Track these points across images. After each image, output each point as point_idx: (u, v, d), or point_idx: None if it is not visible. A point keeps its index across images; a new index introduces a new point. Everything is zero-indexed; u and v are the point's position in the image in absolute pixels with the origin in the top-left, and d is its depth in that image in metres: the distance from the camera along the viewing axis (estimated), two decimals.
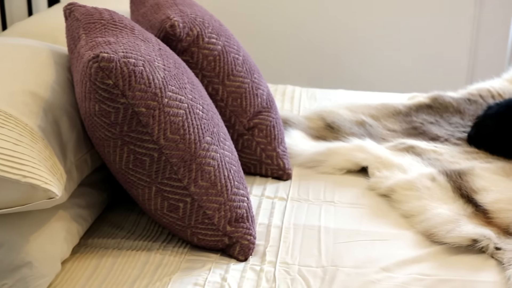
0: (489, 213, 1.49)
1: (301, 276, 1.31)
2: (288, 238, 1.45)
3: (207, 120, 1.38)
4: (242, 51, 1.75)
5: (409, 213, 1.54)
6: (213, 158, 1.35)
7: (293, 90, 2.41)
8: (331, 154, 1.80)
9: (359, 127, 2.00)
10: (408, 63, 3.29)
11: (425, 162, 1.75)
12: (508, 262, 1.31)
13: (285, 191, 1.68)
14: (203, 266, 1.33)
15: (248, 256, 1.38)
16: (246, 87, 1.71)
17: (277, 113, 1.82)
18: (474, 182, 1.61)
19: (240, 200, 1.40)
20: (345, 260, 1.36)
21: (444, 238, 1.40)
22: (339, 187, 1.70)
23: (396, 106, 2.16)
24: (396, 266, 1.33)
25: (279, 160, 1.75)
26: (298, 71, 3.35)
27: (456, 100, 2.18)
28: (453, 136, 1.95)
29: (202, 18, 1.67)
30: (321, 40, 3.31)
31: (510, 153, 1.77)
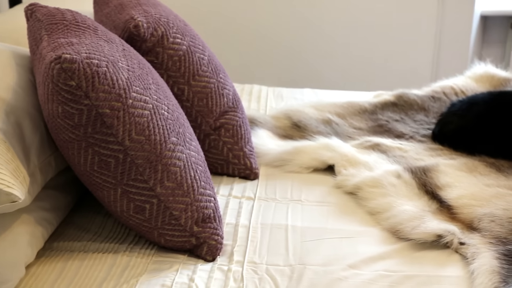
0: (453, 209, 1.51)
1: (268, 275, 1.31)
2: (255, 237, 1.45)
3: (173, 121, 1.37)
4: (207, 51, 1.75)
5: (375, 210, 1.55)
6: (179, 159, 1.34)
7: (259, 90, 2.41)
8: (297, 153, 1.80)
9: (325, 125, 2.01)
10: (374, 62, 3.32)
11: (390, 160, 1.77)
12: (472, 257, 1.33)
13: (252, 191, 1.68)
14: (170, 267, 1.32)
15: (216, 256, 1.38)
16: (212, 87, 1.71)
17: (244, 113, 1.82)
18: (439, 179, 1.63)
19: (207, 200, 1.40)
20: (312, 258, 1.36)
21: (409, 234, 1.42)
22: (306, 185, 1.70)
23: (362, 104, 2.18)
24: (362, 263, 1.34)
25: (246, 159, 1.75)
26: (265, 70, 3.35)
27: (420, 97, 2.20)
28: (418, 133, 1.98)
29: (166, 18, 1.67)
30: (288, 40, 3.32)
31: (473, 149, 1.79)
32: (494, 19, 3.38)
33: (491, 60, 2.46)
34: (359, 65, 3.33)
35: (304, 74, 3.34)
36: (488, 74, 2.33)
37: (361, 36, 3.30)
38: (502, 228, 1.41)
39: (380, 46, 3.31)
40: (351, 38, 3.30)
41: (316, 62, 3.34)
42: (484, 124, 1.85)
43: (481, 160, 1.74)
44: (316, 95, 2.38)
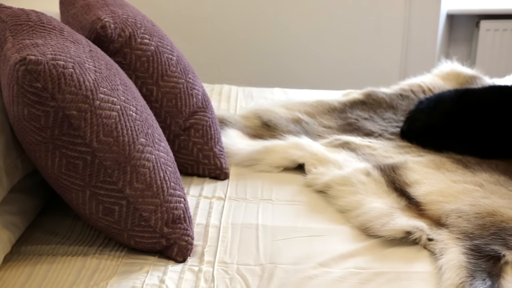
0: (421, 206, 1.53)
1: (239, 275, 1.31)
2: (226, 237, 1.45)
3: (141, 122, 1.36)
4: (176, 51, 1.74)
5: (345, 208, 1.56)
6: (148, 160, 1.34)
7: (229, 90, 2.41)
8: (268, 152, 1.81)
9: (295, 124, 2.02)
10: (343, 61, 3.35)
11: (359, 158, 1.78)
12: (440, 252, 1.35)
13: (222, 191, 1.68)
14: (140, 269, 1.32)
15: (186, 257, 1.37)
16: (181, 87, 1.70)
17: (213, 113, 1.82)
18: (407, 176, 1.65)
19: (177, 201, 1.39)
20: (283, 257, 1.37)
21: (379, 231, 1.43)
22: (276, 184, 1.71)
23: (331, 103, 2.19)
24: (333, 261, 1.35)
25: (216, 159, 1.75)
26: (235, 70, 3.35)
27: (389, 95, 2.22)
28: (387, 131, 1.99)
29: (134, 19, 1.65)
30: (258, 40, 3.33)
31: (440, 146, 1.81)
32: (460, 18, 3.42)
33: (457, 58, 2.49)
34: (329, 64, 3.35)
35: (274, 74, 3.34)
36: (455, 72, 2.36)
37: (330, 36, 3.32)
38: (469, 223, 1.43)
39: (349, 45, 3.33)
40: (320, 38, 3.32)
41: (286, 62, 3.35)
42: (451, 121, 1.87)
43: (448, 157, 1.76)
44: (286, 95, 2.38)
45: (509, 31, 3.34)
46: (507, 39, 3.35)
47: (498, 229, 1.40)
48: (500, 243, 1.35)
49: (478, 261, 1.31)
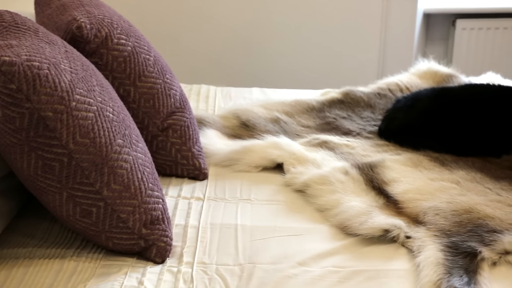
0: (399, 204, 1.54)
1: (218, 275, 1.31)
2: (205, 238, 1.45)
3: (118, 123, 1.36)
4: (153, 52, 1.73)
5: (324, 207, 1.56)
6: (125, 161, 1.33)
7: (208, 90, 2.40)
8: (246, 152, 1.81)
9: (273, 124, 2.02)
10: (321, 60, 3.35)
11: (338, 156, 1.78)
12: (418, 250, 1.36)
13: (201, 191, 1.67)
14: (119, 271, 1.31)
15: (165, 258, 1.37)
16: (158, 87, 1.69)
17: (191, 113, 1.81)
18: (385, 174, 1.66)
19: (155, 202, 1.39)
20: (262, 257, 1.37)
21: (357, 230, 1.44)
22: (255, 184, 1.71)
23: (310, 102, 2.20)
24: (312, 260, 1.36)
25: (195, 160, 1.74)
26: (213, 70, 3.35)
27: (366, 94, 2.23)
28: (365, 130, 2.00)
29: (110, 19, 1.64)
30: (235, 39, 3.32)
31: (418, 144, 1.83)
32: (436, 17, 3.45)
33: (434, 57, 2.51)
34: (307, 64, 3.36)
35: (253, 74, 3.34)
36: (431, 70, 2.38)
37: (308, 35, 3.32)
38: (446, 220, 1.44)
39: (327, 44, 3.34)
40: (298, 37, 3.33)
41: (264, 62, 3.35)
42: (428, 120, 1.89)
43: (426, 155, 1.77)
44: (265, 94, 2.38)
45: (485, 30, 3.37)
46: (483, 38, 3.38)
47: (475, 226, 1.42)
48: (476, 240, 1.37)
49: (455, 258, 1.32)
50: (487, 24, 3.37)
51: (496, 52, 3.40)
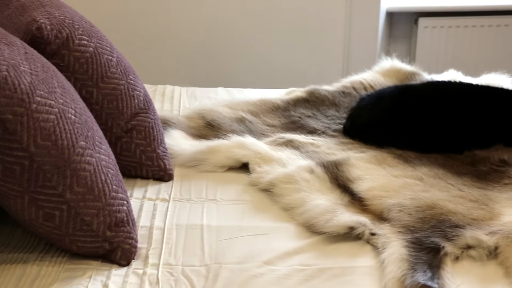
0: (364, 201, 1.55)
1: (184, 276, 1.31)
2: (170, 239, 1.44)
3: (80, 124, 1.34)
4: (116, 52, 1.72)
5: (290, 206, 1.57)
6: (88, 163, 1.32)
7: (172, 90, 2.39)
8: (211, 152, 1.80)
9: (239, 124, 2.02)
10: (286, 60, 3.37)
11: (303, 155, 1.79)
12: (382, 246, 1.37)
13: (167, 192, 1.67)
14: (83, 274, 1.30)
15: (131, 260, 1.36)
16: (121, 88, 1.68)
17: (156, 114, 1.80)
18: (350, 172, 1.67)
19: (120, 204, 1.38)
20: (228, 257, 1.36)
21: (323, 228, 1.44)
22: (221, 184, 1.71)
23: (275, 101, 2.20)
24: (278, 259, 1.36)
25: (160, 161, 1.73)
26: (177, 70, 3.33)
27: (331, 93, 2.25)
28: (330, 128, 2.01)
29: (71, 20, 1.62)
30: (200, 39, 3.31)
31: (382, 142, 1.84)
32: (399, 15, 3.49)
33: (397, 55, 2.53)
34: (272, 63, 3.37)
35: (218, 73, 3.34)
36: (395, 68, 2.40)
37: (273, 34, 3.33)
38: (410, 217, 1.46)
39: (291, 44, 3.35)
40: (263, 36, 3.33)
41: (229, 61, 3.35)
42: (391, 117, 1.91)
43: (390, 152, 1.79)
44: (230, 94, 2.38)
45: (446, 28, 3.42)
46: (445, 36, 3.43)
47: (438, 222, 1.44)
48: (439, 235, 1.39)
49: (419, 253, 1.33)
50: (448, 22, 3.42)
51: (457, 50, 3.46)
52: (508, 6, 3.44)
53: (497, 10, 3.45)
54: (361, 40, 3.35)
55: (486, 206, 1.51)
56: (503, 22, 3.43)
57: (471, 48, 3.46)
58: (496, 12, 3.45)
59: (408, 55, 3.46)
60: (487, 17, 3.43)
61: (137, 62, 2.46)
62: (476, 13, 3.45)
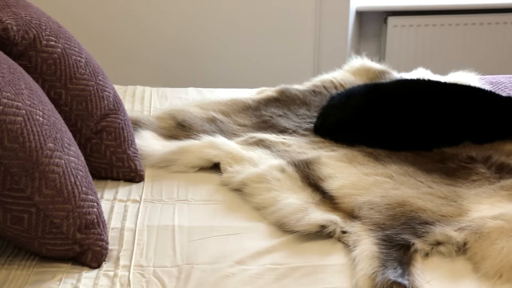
0: (335, 199, 1.56)
1: (156, 277, 1.30)
2: (142, 240, 1.43)
3: (49, 126, 1.33)
4: (84, 53, 1.70)
5: (261, 205, 1.57)
6: (57, 165, 1.30)
7: (143, 91, 2.38)
8: (183, 153, 1.80)
9: (210, 124, 2.01)
10: (256, 59, 3.37)
11: (274, 154, 1.79)
12: (353, 244, 1.38)
13: (138, 193, 1.66)
14: (53, 277, 1.29)
15: (101, 262, 1.35)
16: (90, 89, 1.67)
17: (126, 115, 1.79)
18: (321, 171, 1.68)
19: (90, 205, 1.37)
20: (200, 257, 1.36)
21: (294, 226, 1.45)
22: (193, 185, 1.70)
23: (246, 101, 2.20)
24: (250, 259, 1.36)
25: (130, 162, 1.72)
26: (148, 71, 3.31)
27: (302, 92, 2.25)
28: (301, 127, 2.02)
29: (38, 20, 1.61)
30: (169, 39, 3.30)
31: (352, 140, 1.85)
32: (368, 15, 3.51)
33: (367, 54, 2.55)
34: (242, 63, 3.36)
35: (188, 74, 3.33)
36: (365, 67, 2.42)
37: (243, 34, 3.33)
38: (381, 214, 1.47)
39: (262, 43, 3.35)
40: (233, 36, 3.33)
41: (200, 61, 3.34)
42: (362, 116, 1.92)
43: (360, 151, 1.80)
44: (201, 94, 2.37)
45: (415, 27, 3.45)
46: (414, 35, 3.46)
47: (408, 219, 1.45)
48: (409, 232, 1.40)
49: (389, 250, 1.34)
50: (417, 21, 3.45)
51: (426, 48, 3.49)
52: (476, 5, 3.49)
53: (465, 9, 3.50)
54: (331, 40, 3.37)
55: (455, 202, 1.53)
56: (470, 20, 3.48)
57: (440, 46, 3.50)
58: (464, 11, 3.50)
59: (377, 54, 3.49)
60: (455, 15, 3.48)
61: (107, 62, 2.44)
62: (445, 11, 3.49)
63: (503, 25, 3.51)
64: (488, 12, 3.50)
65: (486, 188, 1.59)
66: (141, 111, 2.19)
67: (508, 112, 1.93)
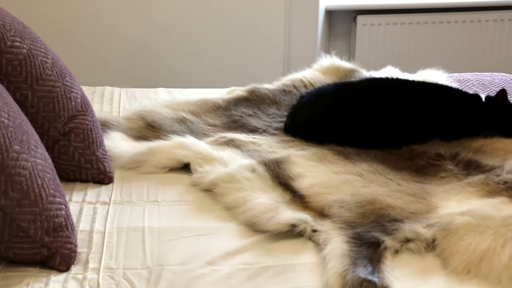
0: (305, 198, 1.57)
1: (126, 279, 1.29)
2: (111, 242, 1.42)
3: (14, 128, 1.30)
4: (51, 54, 1.68)
5: (231, 205, 1.57)
6: (23, 168, 1.28)
7: (112, 92, 2.36)
8: (152, 154, 1.79)
9: (180, 124, 2.01)
10: (226, 59, 3.36)
11: (244, 154, 1.79)
12: (324, 243, 1.38)
13: (107, 195, 1.64)
14: (20, 282, 1.27)
15: (70, 265, 1.33)
16: (58, 91, 1.65)
17: (94, 116, 1.77)
18: (291, 170, 1.68)
19: (58, 208, 1.35)
20: (170, 259, 1.35)
21: (265, 226, 1.45)
22: (163, 185, 1.69)
23: (216, 101, 2.20)
24: (220, 259, 1.36)
25: (99, 163, 1.71)
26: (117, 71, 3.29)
27: (272, 91, 2.26)
28: (271, 126, 2.02)
29: (2, 21, 1.58)
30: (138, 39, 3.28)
31: (322, 139, 1.86)
32: (338, 13, 3.53)
33: (336, 52, 2.56)
34: (212, 63, 3.36)
35: (158, 74, 3.31)
36: (334, 66, 2.43)
37: (213, 34, 3.32)
38: (351, 212, 1.48)
39: (232, 43, 3.35)
40: (203, 36, 3.32)
41: (169, 61, 3.32)
42: (331, 114, 1.93)
43: (330, 149, 1.80)
44: (170, 94, 2.36)
45: (384, 26, 3.48)
46: (383, 33, 3.49)
47: (378, 217, 1.46)
48: (379, 230, 1.41)
49: (359, 248, 1.35)
50: (386, 19, 3.48)
51: (395, 46, 3.52)
52: (444, 3, 3.53)
53: (433, 7, 3.53)
54: (301, 39, 3.38)
55: (423, 199, 1.54)
56: (438, 19, 3.52)
57: (408, 44, 3.54)
58: (432, 10, 3.54)
59: (347, 53, 3.51)
60: (423, 14, 3.51)
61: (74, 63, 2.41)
62: (413, 10, 3.53)
63: (470, 24, 3.55)
64: (455, 11, 3.55)
65: (454, 185, 1.61)
66: (110, 112, 2.18)
67: (475, 110, 1.95)
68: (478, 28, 3.57)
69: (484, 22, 3.55)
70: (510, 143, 1.84)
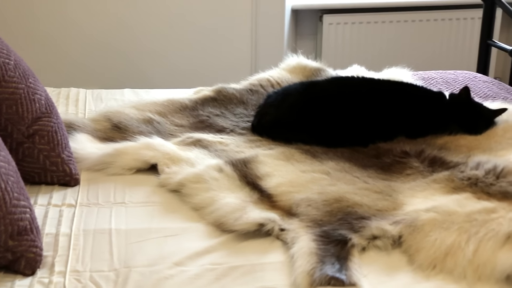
0: (273, 197, 1.57)
1: (93, 282, 1.28)
2: (78, 245, 1.40)
3: None
4: (13, 55, 1.66)
5: (199, 205, 1.56)
6: None
7: (77, 93, 2.34)
8: (119, 155, 1.77)
9: (146, 125, 1.99)
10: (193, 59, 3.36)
11: (212, 154, 1.79)
12: (292, 241, 1.39)
13: (73, 197, 1.62)
14: None
15: (36, 269, 1.31)
16: (21, 92, 1.62)
17: (59, 118, 1.75)
18: (258, 169, 1.68)
19: (22, 212, 1.33)
20: (137, 260, 1.34)
21: (233, 226, 1.45)
22: (130, 187, 1.68)
23: (183, 101, 2.19)
24: (188, 259, 1.35)
25: (65, 165, 1.69)
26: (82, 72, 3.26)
27: (239, 91, 2.26)
28: (238, 126, 2.02)
29: None
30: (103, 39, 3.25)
31: (289, 138, 1.87)
32: (304, 13, 3.55)
33: (303, 52, 2.58)
34: (179, 63, 3.35)
35: (124, 75, 3.29)
36: (301, 65, 2.44)
37: (179, 34, 3.31)
38: (318, 211, 1.48)
39: (198, 43, 3.34)
40: (169, 36, 3.31)
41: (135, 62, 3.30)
42: (298, 114, 1.93)
43: (297, 148, 1.81)
44: (137, 95, 2.35)
45: (350, 24, 3.51)
46: (348, 32, 3.52)
47: (345, 214, 1.47)
48: (346, 228, 1.42)
49: (327, 246, 1.36)
50: (352, 19, 3.51)
51: (361, 45, 3.55)
52: (408, 2, 3.57)
53: (398, 6, 3.57)
54: (268, 38, 3.39)
55: (390, 196, 1.56)
56: (403, 18, 3.56)
57: (374, 43, 3.57)
58: (397, 9, 3.58)
59: (313, 52, 3.53)
60: (388, 13, 3.55)
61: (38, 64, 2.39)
62: (379, 9, 3.56)
63: (434, 22, 3.60)
64: (419, 10, 3.60)
65: (419, 182, 1.63)
66: (76, 114, 2.16)
67: (439, 107, 1.98)
68: (442, 26, 3.62)
69: (448, 20, 3.61)
70: (474, 140, 1.87)
